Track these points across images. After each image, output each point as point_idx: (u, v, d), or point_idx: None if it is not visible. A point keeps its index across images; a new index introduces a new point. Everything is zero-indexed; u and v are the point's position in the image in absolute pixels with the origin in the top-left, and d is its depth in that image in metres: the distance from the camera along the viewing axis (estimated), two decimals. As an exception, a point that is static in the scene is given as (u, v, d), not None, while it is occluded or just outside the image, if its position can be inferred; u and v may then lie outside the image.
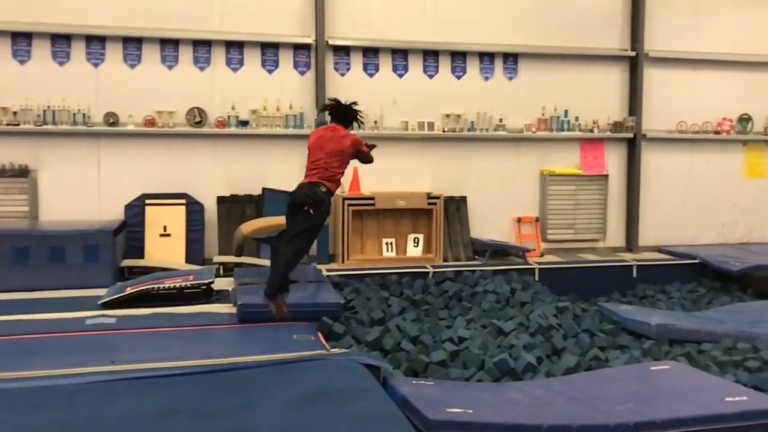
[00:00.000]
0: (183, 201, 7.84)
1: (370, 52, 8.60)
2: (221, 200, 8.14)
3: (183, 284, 5.94)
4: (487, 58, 8.94)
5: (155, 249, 7.65)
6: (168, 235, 7.71)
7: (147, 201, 7.77)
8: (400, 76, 8.71)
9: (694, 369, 4.53)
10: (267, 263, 6.25)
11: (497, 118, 8.89)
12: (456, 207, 8.79)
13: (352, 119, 5.99)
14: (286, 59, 8.37)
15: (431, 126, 8.70)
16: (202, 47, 8.13)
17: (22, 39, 7.70)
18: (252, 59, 8.27)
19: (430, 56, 8.77)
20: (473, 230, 8.82)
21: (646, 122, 9.39)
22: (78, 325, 5.12)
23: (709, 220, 9.73)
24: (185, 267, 7.28)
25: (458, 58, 8.85)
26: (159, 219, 7.72)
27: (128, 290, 5.87)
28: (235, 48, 8.22)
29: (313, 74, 8.38)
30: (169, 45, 8.04)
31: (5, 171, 7.62)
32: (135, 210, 7.75)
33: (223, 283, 6.40)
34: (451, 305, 6.50)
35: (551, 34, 9.03)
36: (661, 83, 9.46)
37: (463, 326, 5.55)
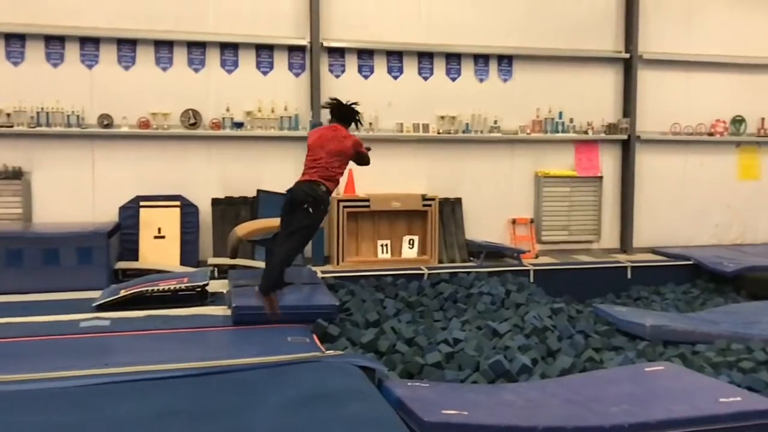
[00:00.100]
0: (177, 203, 7.82)
1: (365, 54, 8.60)
2: (216, 202, 8.12)
3: (177, 286, 5.93)
4: (482, 60, 8.96)
5: (149, 251, 7.63)
6: (162, 237, 7.70)
7: (141, 203, 7.75)
8: (395, 78, 8.72)
9: (689, 370, 4.54)
10: (262, 265, 6.24)
11: (492, 120, 8.91)
12: (451, 209, 8.80)
13: (353, 119, 5.99)
14: (281, 61, 8.37)
15: (426, 128, 8.72)
16: (197, 49, 8.12)
17: (16, 40, 7.68)
18: (247, 61, 8.26)
19: (425, 58, 8.78)
20: (468, 232, 8.84)
21: (640, 124, 9.43)
22: (72, 328, 5.09)
23: (703, 222, 9.78)
24: (180, 269, 7.26)
25: (453, 60, 8.87)
26: (153, 221, 7.71)
27: (122, 292, 5.85)
28: (230, 50, 8.21)
29: (308, 76, 8.38)
30: (164, 46, 8.03)
31: (-1, 173, 7.61)
32: (129, 212, 7.73)
33: (218, 286, 6.39)
34: (446, 307, 6.49)
35: (545, 36, 9.06)
36: (655, 85, 9.50)
37: (458, 328, 5.54)
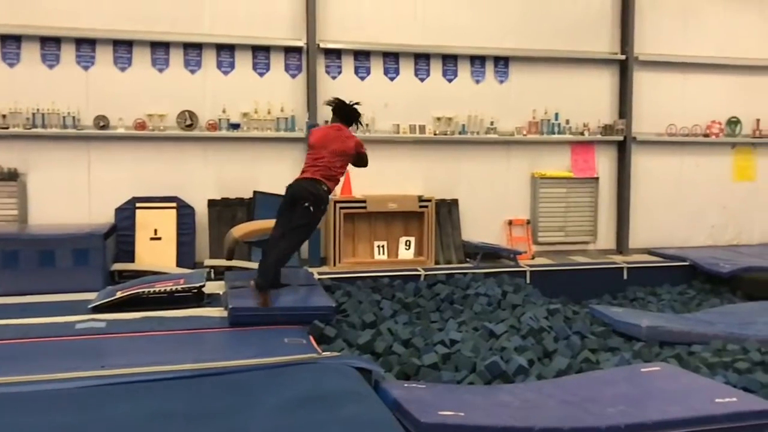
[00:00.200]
0: (174, 204, 7.81)
1: (362, 56, 8.61)
2: (212, 203, 8.11)
3: (174, 288, 5.92)
4: (478, 62, 8.98)
5: (146, 252, 7.62)
6: (159, 239, 7.68)
7: (137, 204, 7.74)
8: (392, 80, 8.72)
9: (684, 370, 4.54)
10: (258, 266, 6.23)
11: (488, 121, 8.92)
12: (447, 210, 8.80)
13: (355, 120, 5.99)
14: (278, 62, 8.36)
15: (423, 129, 8.72)
16: (193, 50, 8.11)
17: (11, 42, 7.66)
18: (243, 62, 8.26)
19: (421, 59, 8.79)
20: (465, 233, 8.84)
21: (636, 125, 9.45)
22: (68, 330, 5.08)
23: (699, 223, 9.80)
24: (176, 271, 7.25)
25: (449, 62, 8.88)
26: (149, 222, 7.69)
27: (118, 294, 5.84)
28: (226, 51, 8.21)
29: (305, 77, 8.38)
30: (160, 48, 8.02)
31: (-6, 174, 7.59)
32: (125, 213, 7.71)
33: (214, 287, 6.38)
34: (443, 308, 6.49)
35: (542, 38, 9.08)
36: (651, 86, 9.52)
37: (455, 329, 5.55)
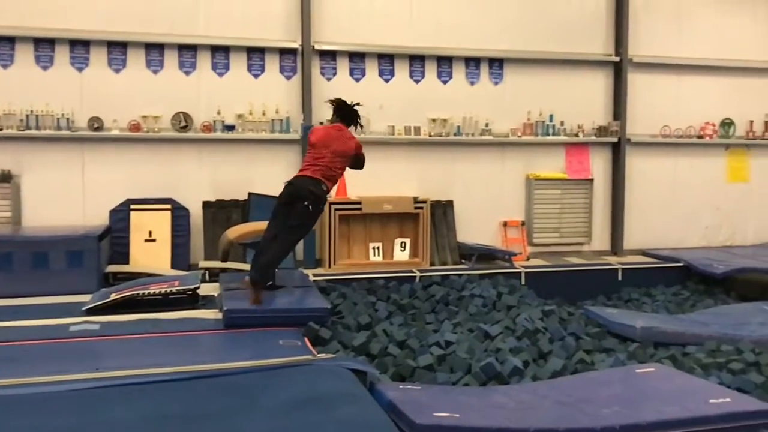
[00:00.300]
0: (168, 206, 7.79)
1: (357, 57, 8.61)
2: (207, 205, 8.10)
3: (168, 290, 5.89)
4: (473, 63, 8.99)
5: (140, 254, 7.60)
6: (153, 241, 7.67)
7: (132, 206, 7.72)
8: (387, 81, 8.73)
9: (679, 371, 4.55)
10: (251, 263, 6.22)
11: (483, 123, 8.93)
12: (443, 211, 8.81)
13: (355, 121, 5.99)
14: (272, 64, 8.36)
15: (418, 131, 8.73)
16: (188, 52, 8.10)
17: (5, 43, 7.64)
18: (238, 64, 8.25)
19: (416, 61, 8.80)
20: (460, 234, 8.85)
21: (631, 127, 9.48)
22: (62, 332, 5.05)
23: (693, 224, 9.84)
24: (170, 272, 7.23)
25: (444, 63, 8.89)
26: (144, 224, 7.68)
27: (113, 296, 5.81)
28: (221, 52, 8.20)
29: (300, 79, 8.38)
30: (155, 49, 8.01)
31: (-12, 176, 7.56)
32: (120, 215, 7.70)
33: (209, 289, 6.36)
34: (438, 309, 6.49)
35: (536, 40, 9.10)
36: (645, 88, 9.55)
37: (450, 330, 5.55)
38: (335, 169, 5.75)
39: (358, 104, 5.95)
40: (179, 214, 7.82)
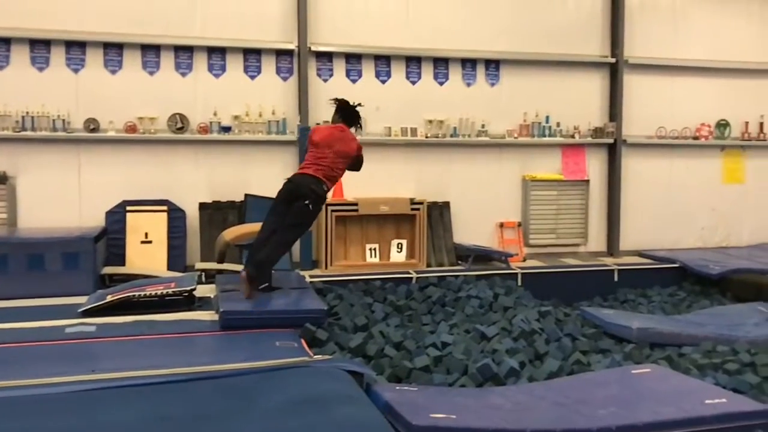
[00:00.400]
0: (164, 207, 7.78)
1: (353, 58, 8.61)
2: (203, 206, 8.09)
3: (164, 291, 5.89)
4: (469, 65, 9.00)
5: (136, 256, 7.59)
6: (149, 242, 7.65)
7: (128, 208, 7.70)
8: (383, 82, 8.73)
9: (675, 372, 4.57)
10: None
11: (479, 124, 8.94)
12: (439, 212, 8.81)
13: (356, 122, 5.98)
14: (269, 65, 8.35)
15: (414, 132, 8.74)
16: (184, 53, 8.09)
17: (0, 44, 7.61)
18: (234, 65, 8.24)
19: (413, 62, 8.81)
20: (456, 235, 8.86)
21: (626, 128, 9.50)
22: (58, 334, 5.04)
23: (689, 225, 9.86)
24: (167, 274, 7.22)
25: (440, 65, 8.90)
26: (140, 226, 7.66)
27: (109, 298, 5.80)
28: (217, 54, 8.19)
29: (296, 80, 8.38)
30: (151, 51, 8.00)
31: (-17, 178, 7.54)
32: (116, 217, 7.68)
33: (205, 290, 6.36)
34: (435, 310, 6.50)
35: (532, 41, 9.11)
36: (641, 89, 9.57)
37: (447, 331, 5.55)
38: (336, 170, 5.74)
39: (360, 105, 5.94)
40: (175, 216, 7.80)
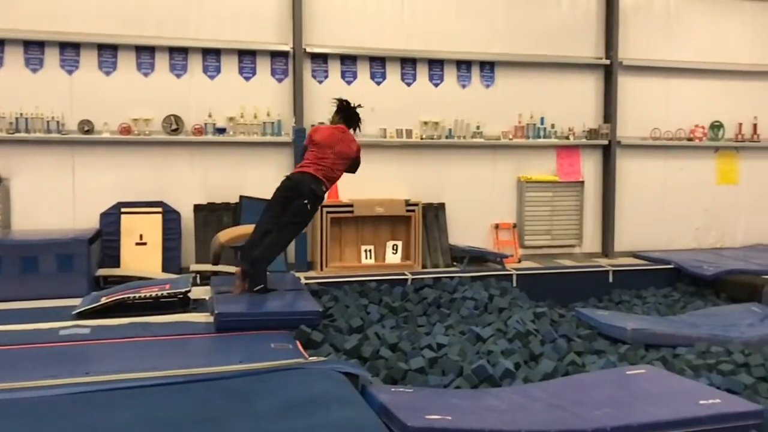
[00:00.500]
0: (159, 209, 7.76)
1: (348, 60, 8.62)
2: (198, 208, 8.07)
3: (159, 293, 5.87)
4: (464, 66, 9.01)
5: (131, 258, 7.57)
6: (144, 244, 7.64)
7: (122, 209, 7.68)
8: (378, 84, 8.74)
9: (669, 373, 4.58)
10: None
11: (474, 126, 8.95)
12: (434, 214, 8.82)
13: (356, 123, 5.98)
14: (264, 66, 8.35)
15: (409, 133, 8.74)
16: (179, 54, 8.08)
17: (-5, 46, 7.60)
18: (229, 66, 8.24)
19: (408, 64, 8.81)
20: (451, 237, 8.86)
21: (621, 129, 9.53)
22: (52, 336, 5.02)
23: (683, 226, 9.89)
24: (161, 276, 7.20)
25: (435, 66, 8.91)
26: (135, 227, 7.64)
27: (103, 300, 5.78)
28: (212, 55, 8.18)
29: (291, 81, 8.37)
30: (145, 52, 7.98)
31: (-23, 179, 7.52)
32: (110, 218, 7.66)
33: (200, 292, 6.35)
34: (430, 312, 6.50)
35: (527, 43, 9.14)
36: (635, 91, 9.61)
37: (442, 333, 5.56)
38: (336, 171, 5.73)
39: (360, 106, 5.93)
40: (170, 218, 7.78)
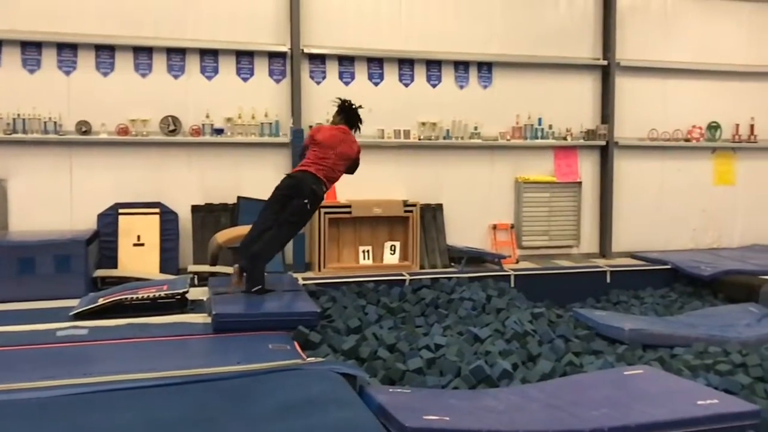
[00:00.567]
0: (157, 210, 7.75)
1: (346, 61, 8.62)
2: (196, 209, 8.07)
3: (157, 294, 5.87)
4: (462, 67, 9.02)
5: (129, 259, 7.56)
6: (142, 245, 7.63)
7: (120, 210, 7.68)
8: (376, 85, 8.74)
9: (667, 373, 4.58)
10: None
11: (472, 126, 8.96)
12: (432, 214, 8.82)
13: (357, 124, 5.98)
14: (261, 67, 8.35)
15: (407, 134, 8.75)
16: (176, 55, 8.07)
17: (-8, 46, 7.59)
18: (227, 67, 8.23)
19: (406, 65, 8.82)
20: (449, 237, 8.87)
21: (618, 130, 9.54)
22: (49, 337, 5.02)
23: (681, 226, 9.90)
24: (159, 277, 7.20)
25: (433, 67, 8.91)
26: (132, 228, 7.63)
27: (101, 301, 5.78)
28: (210, 56, 8.18)
29: (289, 82, 8.37)
30: (143, 53, 7.98)
31: (-26, 180, 7.50)
32: (108, 219, 7.65)
33: (198, 293, 6.34)
34: (428, 312, 6.50)
35: (525, 44, 9.15)
36: (633, 92, 9.62)
37: (440, 333, 5.56)
38: (337, 171, 5.73)
39: (361, 107, 5.93)
40: (168, 218, 7.78)
